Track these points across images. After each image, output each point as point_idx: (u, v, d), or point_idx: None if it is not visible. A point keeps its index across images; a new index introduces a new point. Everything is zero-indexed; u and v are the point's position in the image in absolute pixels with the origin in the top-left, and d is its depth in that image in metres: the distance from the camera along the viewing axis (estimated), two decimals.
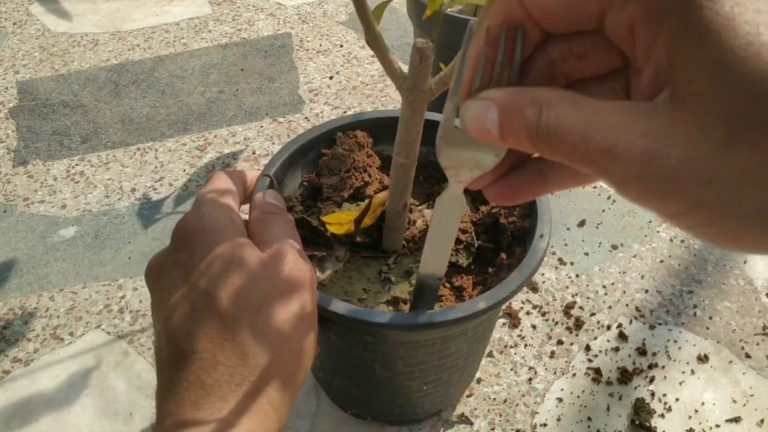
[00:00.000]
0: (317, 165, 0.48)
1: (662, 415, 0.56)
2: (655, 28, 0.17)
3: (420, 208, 0.49)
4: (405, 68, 0.37)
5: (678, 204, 0.17)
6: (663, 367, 0.60)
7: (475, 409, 0.56)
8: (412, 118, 0.37)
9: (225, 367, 0.29)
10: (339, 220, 0.44)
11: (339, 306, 0.36)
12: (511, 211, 0.45)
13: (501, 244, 0.45)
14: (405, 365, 0.43)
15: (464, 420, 0.55)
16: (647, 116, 0.17)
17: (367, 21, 0.34)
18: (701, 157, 0.16)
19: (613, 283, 0.67)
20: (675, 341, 0.62)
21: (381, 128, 0.49)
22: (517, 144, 0.20)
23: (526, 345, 0.61)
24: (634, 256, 0.70)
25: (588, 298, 0.66)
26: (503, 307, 0.61)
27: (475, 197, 0.50)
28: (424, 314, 0.36)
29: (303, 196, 0.47)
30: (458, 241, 0.47)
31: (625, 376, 0.58)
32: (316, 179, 0.47)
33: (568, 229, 0.73)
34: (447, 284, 0.44)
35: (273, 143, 0.86)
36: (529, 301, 0.65)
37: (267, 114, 0.91)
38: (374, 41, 0.35)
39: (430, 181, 0.51)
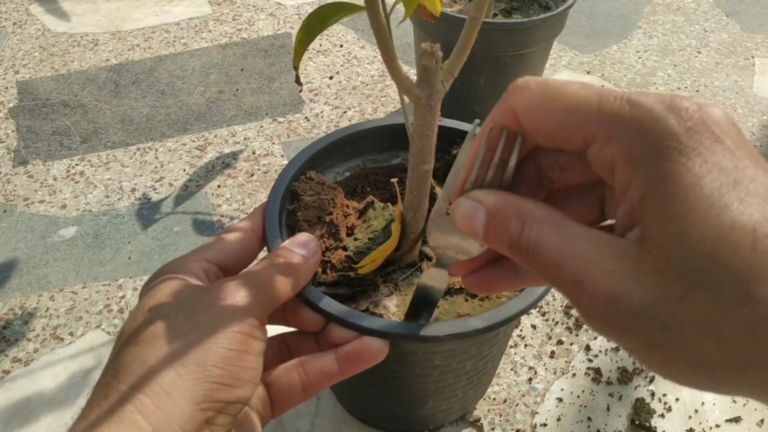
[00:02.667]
0: (291, 224, 0.46)
1: (662, 415, 0.56)
2: (631, 171, 0.19)
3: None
4: (405, 68, 0.37)
5: (635, 342, 0.19)
6: None
7: (476, 409, 0.56)
8: (432, 122, 0.38)
9: (101, 385, 0.27)
10: (372, 258, 0.43)
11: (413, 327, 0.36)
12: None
13: None
14: (439, 373, 0.44)
15: (464, 420, 0.56)
16: (617, 257, 0.19)
17: (390, 55, 0.35)
18: (658, 306, 0.18)
19: None
20: None
21: (320, 158, 0.49)
22: (499, 249, 0.22)
23: (526, 345, 0.61)
24: None
25: None
26: None
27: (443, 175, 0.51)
28: (479, 319, 0.37)
29: None
30: None
31: (625, 376, 0.58)
32: None
33: None
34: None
35: (273, 143, 0.86)
36: None
37: (267, 114, 0.91)
38: (395, 71, 0.35)
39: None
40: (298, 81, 0.43)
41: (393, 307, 0.42)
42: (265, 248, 0.39)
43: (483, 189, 0.23)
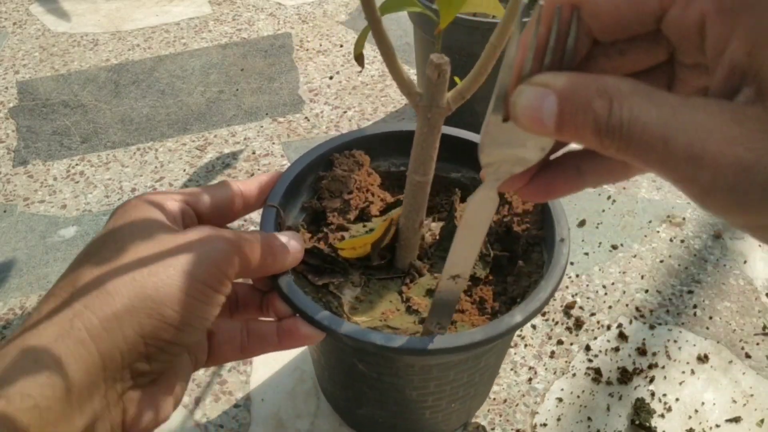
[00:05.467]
0: (316, 189, 0.46)
1: (662, 415, 0.56)
2: (730, 22, 0.16)
3: (426, 222, 0.48)
4: (404, 68, 0.37)
5: None
6: (663, 367, 0.60)
7: (477, 417, 0.56)
8: (429, 135, 0.37)
9: (54, 296, 0.27)
10: (352, 245, 0.43)
11: (377, 337, 0.35)
12: (524, 219, 0.45)
13: (516, 252, 0.44)
14: (436, 385, 0.43)
15: (468, 423, 0.56)
16: (737, 120, 0.16)
17: (387, 51, 0.34)
18: None
19: (613, 283, 0.67)
20: (675, 341, 0.62)
21: (377, 143, 0.48)
22: (577, 138, 0.18)
23: (526, 345, 0.61)
24: (634, 256, 0.70)
25: (588, 298, 0.66)
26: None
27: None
28: (467, 334, 0.35)
29: (306, 222, 0.46)
30: None
31: (625, 376, 0.58)
32: (317, 204, 0.46)
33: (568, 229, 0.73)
34: (468, 297, 0.43)
35: (273, 143, 0.86)
36: None
37: (267, 114, 0.91)
38: (395, 69, 0.35)
39: (436, 195, 0.50)
40: (360, 62, 0.43)
41: (349, 297, 0.42)
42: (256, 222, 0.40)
43: (546, 72, 0.19)
